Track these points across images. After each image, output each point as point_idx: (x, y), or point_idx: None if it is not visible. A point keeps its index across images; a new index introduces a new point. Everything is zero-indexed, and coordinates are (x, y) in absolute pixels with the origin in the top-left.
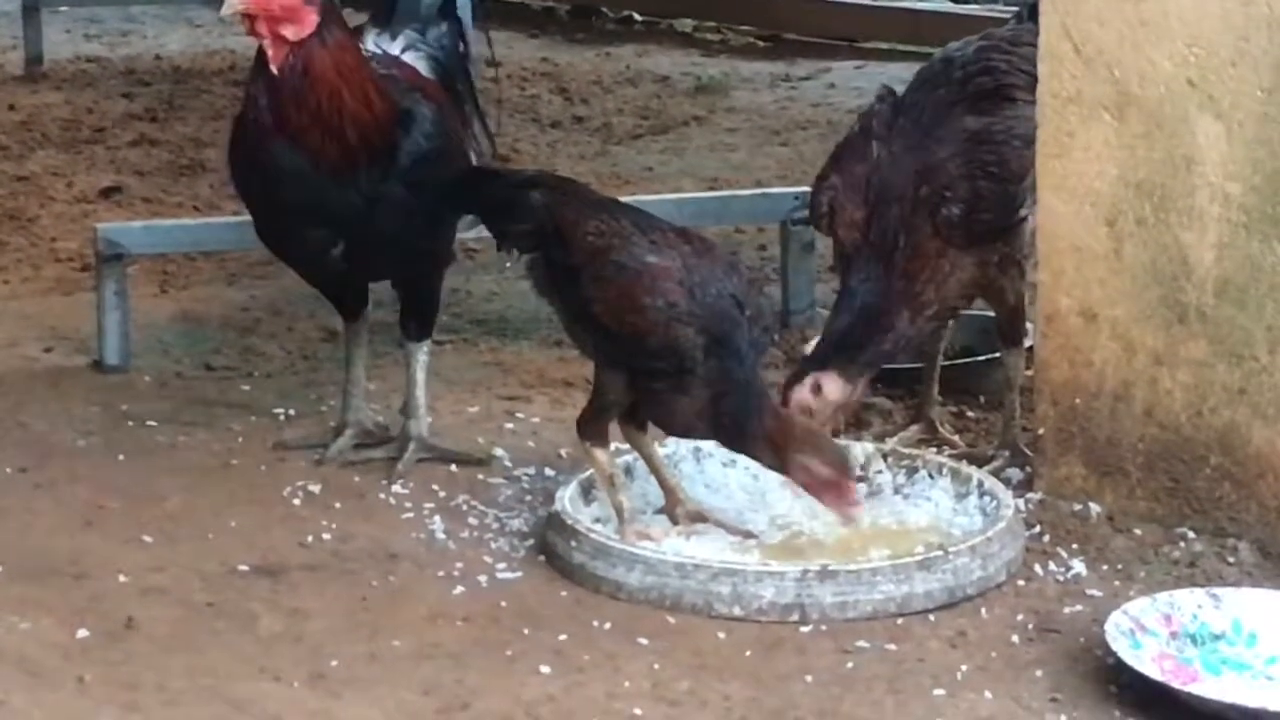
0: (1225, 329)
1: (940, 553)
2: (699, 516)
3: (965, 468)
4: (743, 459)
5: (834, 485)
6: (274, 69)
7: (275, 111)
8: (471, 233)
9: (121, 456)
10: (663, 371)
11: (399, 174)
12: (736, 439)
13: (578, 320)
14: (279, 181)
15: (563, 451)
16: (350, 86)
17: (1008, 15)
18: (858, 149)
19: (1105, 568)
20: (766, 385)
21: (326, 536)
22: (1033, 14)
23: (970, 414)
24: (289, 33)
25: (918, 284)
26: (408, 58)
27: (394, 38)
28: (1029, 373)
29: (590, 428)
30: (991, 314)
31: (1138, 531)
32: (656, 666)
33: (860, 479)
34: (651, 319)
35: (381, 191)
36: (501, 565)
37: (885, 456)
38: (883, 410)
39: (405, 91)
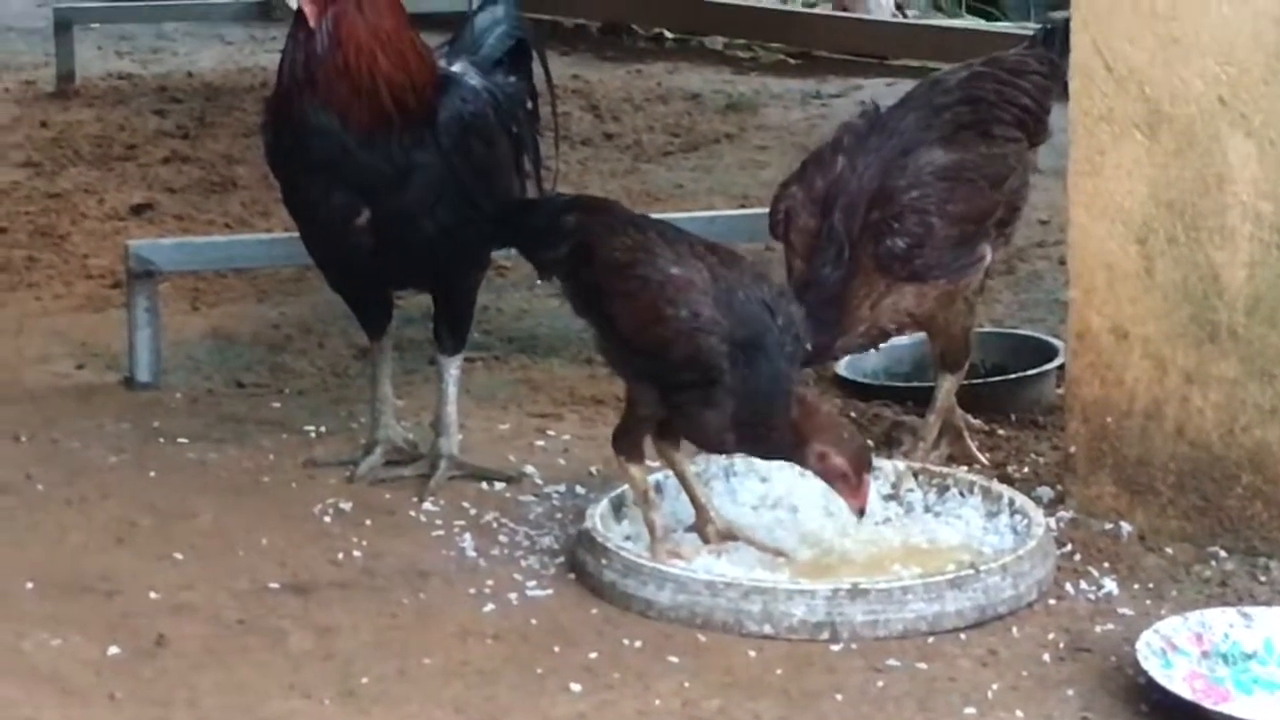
0: (1257, 348)
1: (971, 571)
2: (729, 534)
3: (996, 486)
4: (775, 476)
5: (846, 478)
6: (310, 25)
7: (306, 68)
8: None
9: (153, 473)
10: (690, 383)
11: (435, 139)
12: (763, 440)
13: (607, 336)
14: (306, 139)
15: (593, 469)
16: (385, 49)
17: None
18: (825, 161)
19: (1136, 586)
20: (796, 383)
21: (357, 554)
22: (1048, 39)
23: (1001, 432)
24: None
25: (853, 302)
26: None
27: (450, 64)
28: (1059, 390)
29: (625, 443)
30: (1023, 332)
31: (1169, 550)
32: (687, 685)
33: (891, 496)
34: (674, 329)
35: (414, 160)
36: (532, 583)
37: (916, 475)
38: (913, 428)
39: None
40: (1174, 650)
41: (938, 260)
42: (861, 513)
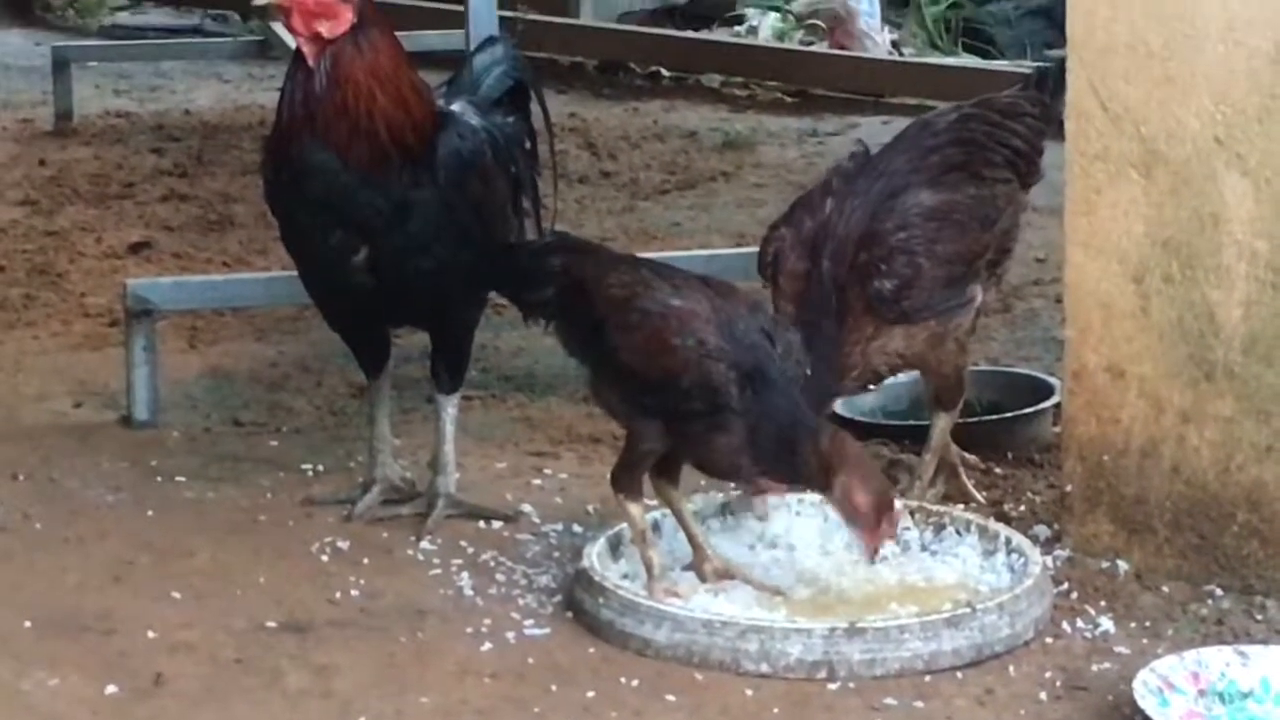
0: (1253, 386)
1: (968, 610)
2: (726, 573)
3: (993, 524)
4: (772, 515)
5: (866, 519)
6: (309, 64)
7: (305, 107)
8: None
9: (150, 512)
10: (698, 412)
11: (433, 177)
12: (784, 464)
13: (605, 374)
14: (305, 177)
15: (590, 507)
16: (384, 87)
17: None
18: (814, 204)
19: (1133, 625)
20: (813, 414)
21: (354, 593)
22: (1041, 81)
23: (997, 470)
24: (324, 29)
25: (844, 346)
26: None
27: (449, 103)
28: (1056, 429)
29: (624, 480)
30: (1019, 370)
31: (1165, 589)
32: None
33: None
34: (682, 358)
35: (413, 198)
36: (529, 622)
37: (913, 513)
38: (909, 467)
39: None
40: (1171, 689)
41: (926, 302)
42: (874, 555)
